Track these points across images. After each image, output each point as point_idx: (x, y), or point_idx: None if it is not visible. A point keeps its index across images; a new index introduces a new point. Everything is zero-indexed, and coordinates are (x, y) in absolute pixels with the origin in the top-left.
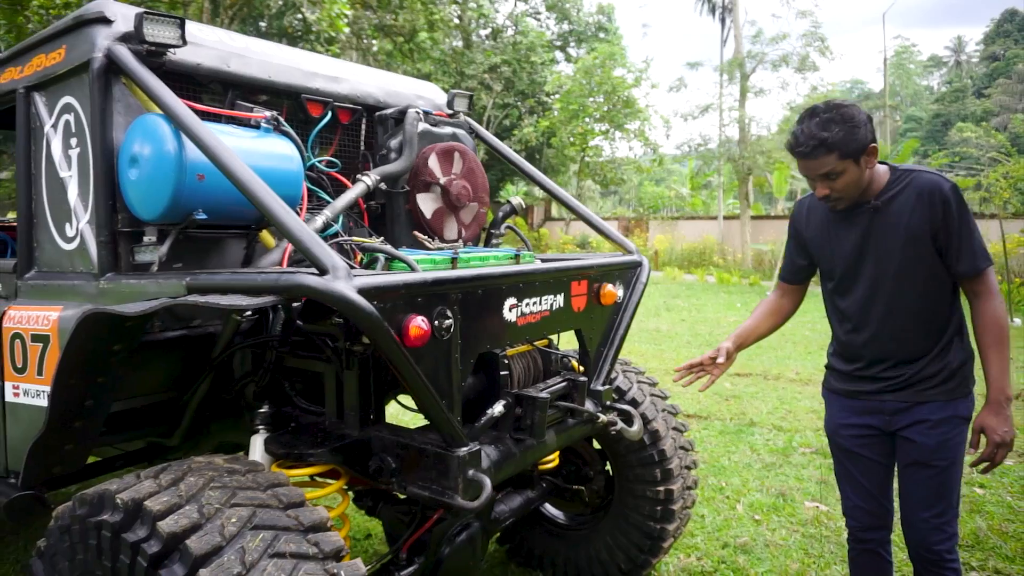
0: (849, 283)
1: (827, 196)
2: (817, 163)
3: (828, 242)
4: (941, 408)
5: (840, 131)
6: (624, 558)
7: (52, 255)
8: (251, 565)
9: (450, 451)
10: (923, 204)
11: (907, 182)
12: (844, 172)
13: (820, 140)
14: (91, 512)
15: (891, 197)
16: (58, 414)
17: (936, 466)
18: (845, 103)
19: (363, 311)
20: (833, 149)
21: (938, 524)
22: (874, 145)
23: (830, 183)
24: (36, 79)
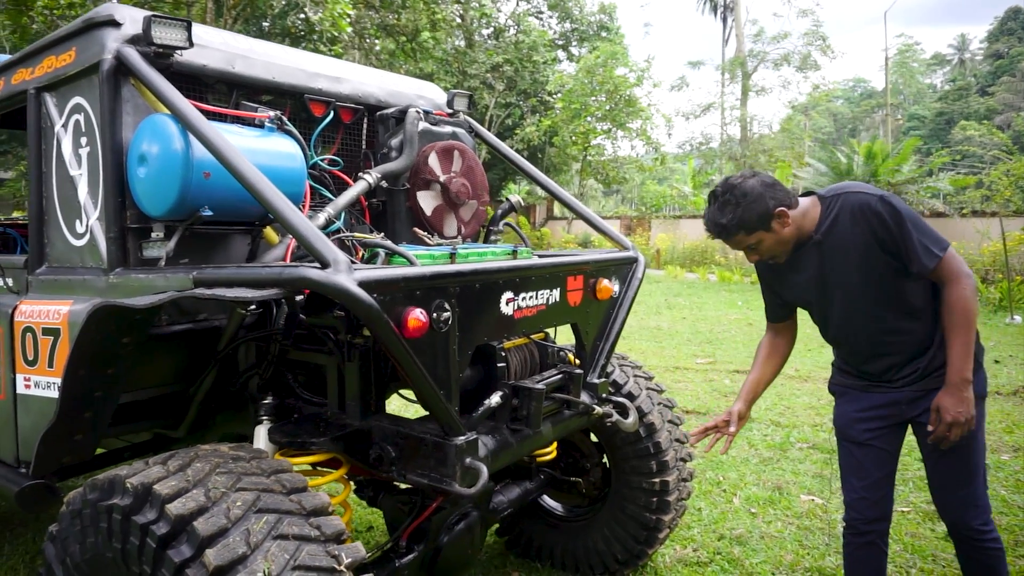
0: (824, 315)
1: (759, 261)
2: (730, 242)
3: (791, 284)
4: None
5: (735, 213)
6: (621, 548)
7: (62, 251)
8: (255, 546)
9: (448, 440)
10: (858, 223)
11: (838, 207)
12: (761, 241)
13: (720, 226)
14: (102, 496)
15: (829, 227)
16: (68, 405)
17: (959, 445)
18: (741, 178)
19: (363, 303)
20: (736, 231)
21: (970, 501)
22: (780, 209)
23: (753, 252)
24: (47, 80)
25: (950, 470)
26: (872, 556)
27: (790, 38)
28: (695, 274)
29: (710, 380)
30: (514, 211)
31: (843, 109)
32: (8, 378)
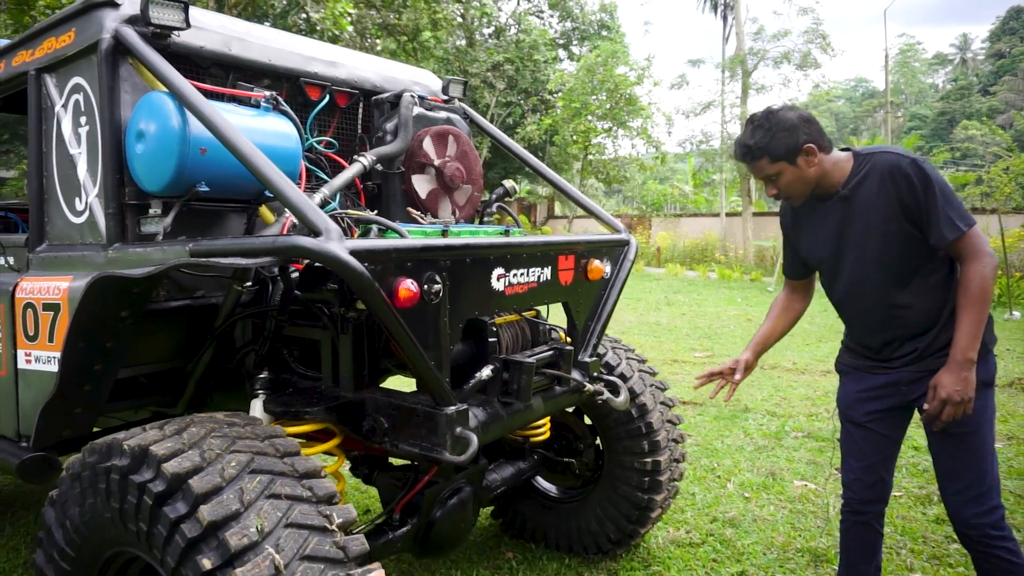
0: (834, 275)
1: (776, 196)
2: (753, 167)
3: (809, 237)
4: None
5: (765, 137)
6: (613, 528)
7: (62, 228)
8: (248, 504)
9: (439, 409)
10: (886, 185)
11: (869, 166)
12: (781, 173)
13: (747, 148)
14: (101, 459)
15: (857, 184)
16: (68, 377)
17: (955, 434)
18: (781, 108)
19: (354, 270)
20: (760, 155)
21: (972, 496)
22: (809, 145)
23: (773, 184)
24: (47, 61)
25: (951, 459)
26: (867, 536)
27: (790, 36)
28: (695, 272)
29: None
30: (508, 196)
31: (844, 109)
32: (9, 354)
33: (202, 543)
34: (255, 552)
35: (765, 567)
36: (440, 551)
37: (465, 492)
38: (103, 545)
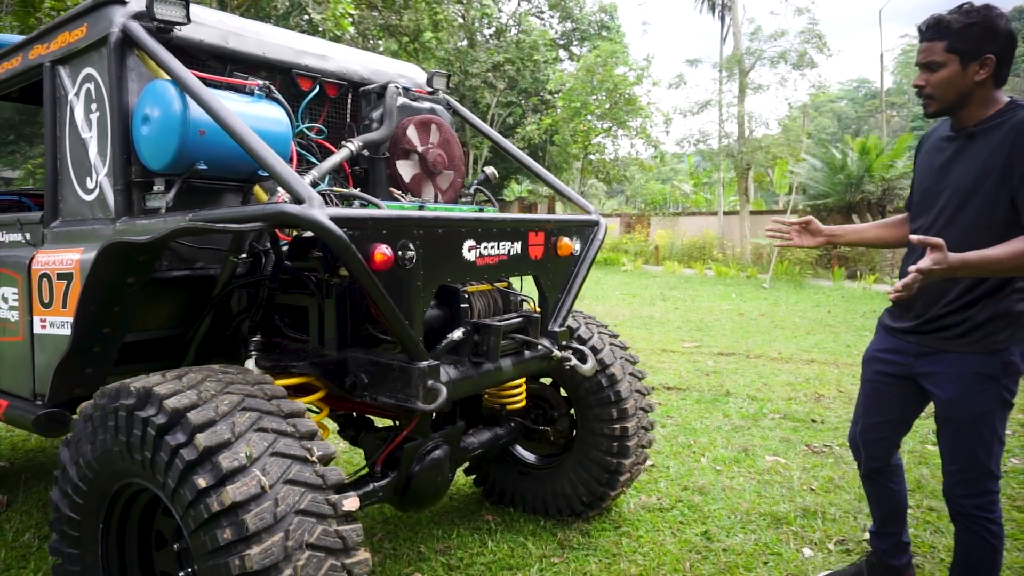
0: (920, 211)
1: (920, 89)
2: (926, 47)
3: (922, 168)
4: (959, 361)
5: (962, 22)
6: (585, 491)
7: (74, 206)
8: (239, 434)
9: (412, 364)
10: (1010, 139)
11: (1011, 116)
12: (944, 66)
13: (937, 21)
14: (110, 400)
15: (987, 128)
16: (80, 338)
17: (955, 421)
18: (1001, 14)
19: (334, 233)
20: (944, 36)
21: (962, 479)
22: (991, 57)
23: (928, 74)
24: (61, 54)
25: (947, 443)
26: (875, 487)
27: (787, 36)
28: (693, 270)
29: (694, 361)
30: (488, 181)
31: (847, 109)
32: (26, 320)
33: (198, 466)
34: (244, 474)
35: (728, 528)
36: (419, 504)
37: (442, 451)
38: (112, 478)
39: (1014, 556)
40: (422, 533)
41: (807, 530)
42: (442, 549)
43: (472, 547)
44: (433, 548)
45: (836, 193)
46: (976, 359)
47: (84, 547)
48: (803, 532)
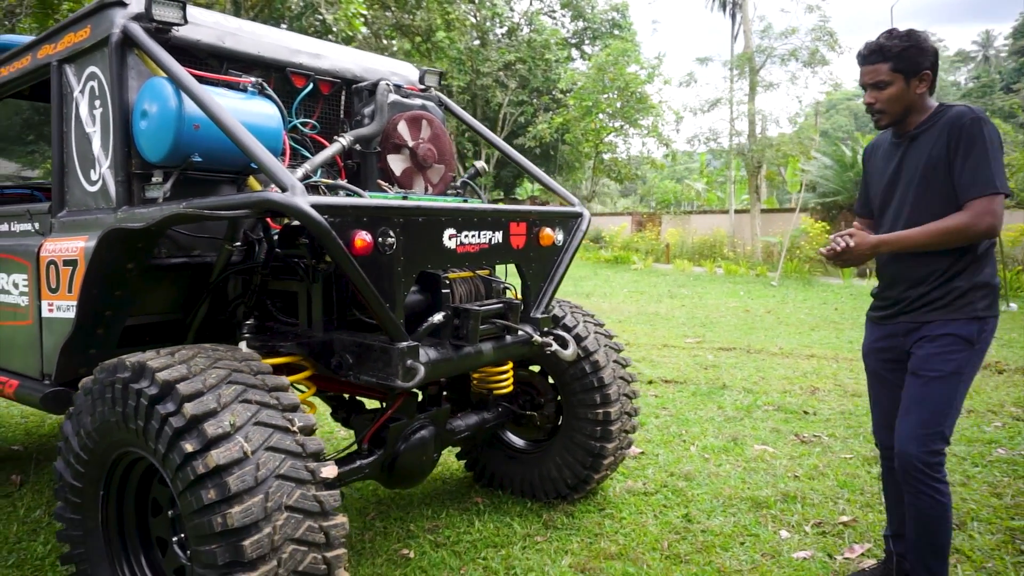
0: (882, 212)
1: (871, 106)
2: (871, 69)
3: (875, 174)
4: (941, 326)
5: (900, 45)
6: (570, 475)
7: (79, 197)
8: (224, 405)
9: (392, 344)
10: (944, 133)
11: (942, 114)
12: (891, 84)
13: (879, 47)
14: (108, 374)
15: (925, 129)
16: (83, 320)
17: (923, 376)
18: (923, 33)
19: (314, 219)
20: (887, 59)
21: (915, 434)
22: (928, 73)
23: (877, 92)
24: (67, 53)
25: (909, 395)
26: (895, 484)
27: (797, 34)
28: (703, 268)
29: (694, 356)
30: (479, 175)
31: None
32: (35, 305)
33: (186, 432)
34: (228, 440)
35: (709, 511)
36: (405, 482)
37: (428, 431)
38: (110, 447)
39: (985, 539)
40: (413, 513)
41: (786, 513)
42: (431, 528)
43: (460, 526)
44: (422, 527)
45: (846, 191)
46: (956, 323)
47: (86, 513)
48: (782, 515)
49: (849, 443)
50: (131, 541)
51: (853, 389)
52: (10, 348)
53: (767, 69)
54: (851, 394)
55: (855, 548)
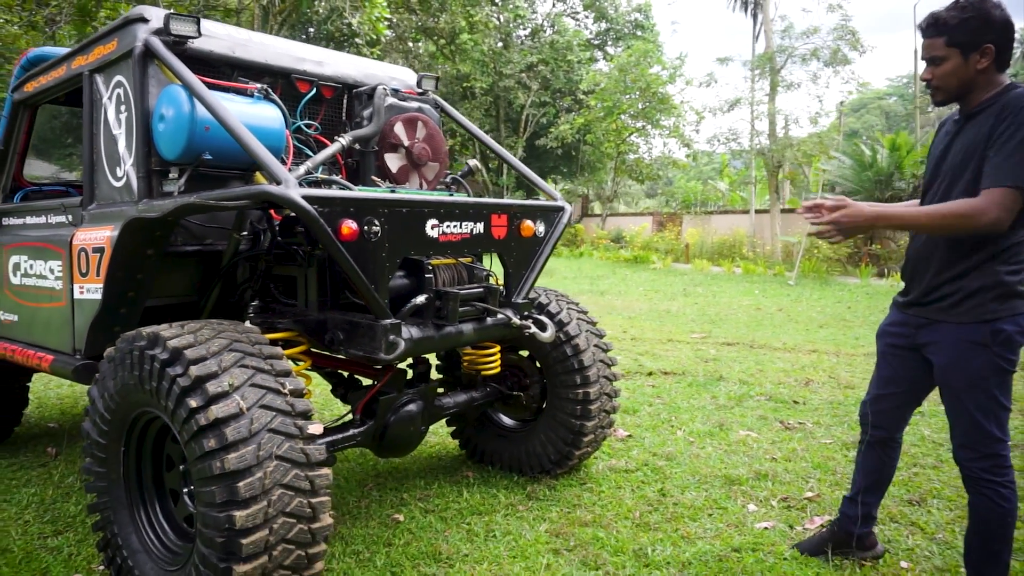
0: (925, 192)
1: (928, 82)
2: (928, 44)
3: (930, 154)
4: (952, 331)
5: (957, 17)
6: (553, 451)
7: (106, 191)
8: (224, 368)
9: (377, 322)
10: (994, 115)
11: (1002, 96)
12: (946, 60)
13: (935, 20)
14: (128, 344)
15: (983, 108)
16: (109, 301)
17: (953, 387)
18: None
19: (304, 208)
20: (942, 32)
21: (965, 443)
22: (990, 47)
23: (933, 68)
24: (97, 64)
25: (949, 408)
26: (871, 454)
27: (819, 33)
28: (721, 268)
29: (697, 350)
30: (471, 173)
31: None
32: (68, 288)
33: (191, 391)
34: (226, 398)
35: (683, 487)
36: (394, 451)
37: (415, 405)
38: (130, 408)
39: (942, 514)
40: (407, 484)
41: (756, 490)
42: (422, 497)
43: (449, 496)
44: (415, 496)
45: (865, 190)
46: (966, 328)
47: (109, 467)
48: (752, 491)
49: (832, 430)
50: (148, 492)
51: (847, 381)
52: (47, 327)
53: (788, 69)
54: (844, 386)
55: (815, 520)
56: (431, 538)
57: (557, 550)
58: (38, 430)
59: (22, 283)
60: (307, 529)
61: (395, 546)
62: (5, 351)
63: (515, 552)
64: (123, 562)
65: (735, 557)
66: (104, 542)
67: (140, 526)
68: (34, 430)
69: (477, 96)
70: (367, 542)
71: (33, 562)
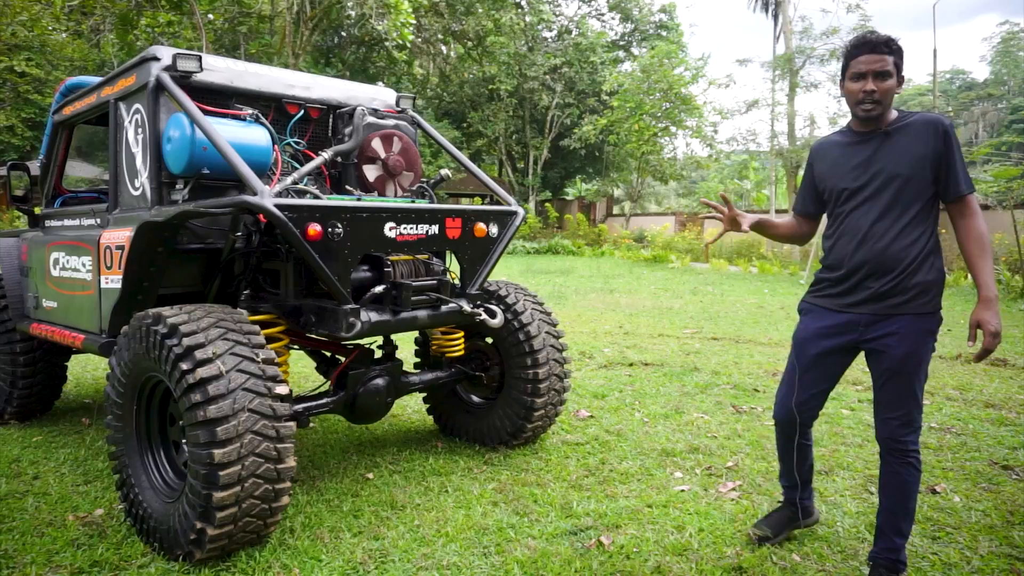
0: (848, 198)
1: (871, 93)
2: (879, 58)
3: (836, 168)
4: (912, 323)
5: (896, 45)
6: (509, 424)
7: (127, 199)
8: (210, 340)
9: (340, 307)
10: (928, 134)
11: (915, 116)
12: (890, 77)
13: (886, 40)
14: (138, 322)
15: (901, 127)
16: (127, 289)
17: (905, 373)
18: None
19: (275, 215)
20: (893, 53)
21: (906, 420)
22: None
23: (879, 82)
24: (120, 94)
25: (894, 393)
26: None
27: (839, 34)
28: (738, 267)
29: (683, 344)
30: (443, 181)
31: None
32: (96, 279)
33: (183, 357)
34: (210, 363)
35: (622, 457)
36: (363, 418)
37: (382, 380)
38: (140, 373)
39: (845, 482)
40: (382, 451)
41: (686, 460)
42: (393, 460)
43: (416, 461)
44: (386, 460)
45: None
46: (925, 319)
47: (124, 422)
48: (682, 462)
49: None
50: (155, 442)
51: None
52: (80, 311)
53: (807, 69)
54: None
55: (727, 484)
56: (392, 491)
57: (496, 503)
58: (75, 404)
59: (60, 275)
60: (273, 468)
61: (361, 496)
62: (47, 332)
63: (461, 504)
64: (134, 496)
65: (646, 511)
66: (121, 481)
67: (148, 468)
68: (72, 404)
69: (503, 98)
70: (338, 493)
71: (66, 501)
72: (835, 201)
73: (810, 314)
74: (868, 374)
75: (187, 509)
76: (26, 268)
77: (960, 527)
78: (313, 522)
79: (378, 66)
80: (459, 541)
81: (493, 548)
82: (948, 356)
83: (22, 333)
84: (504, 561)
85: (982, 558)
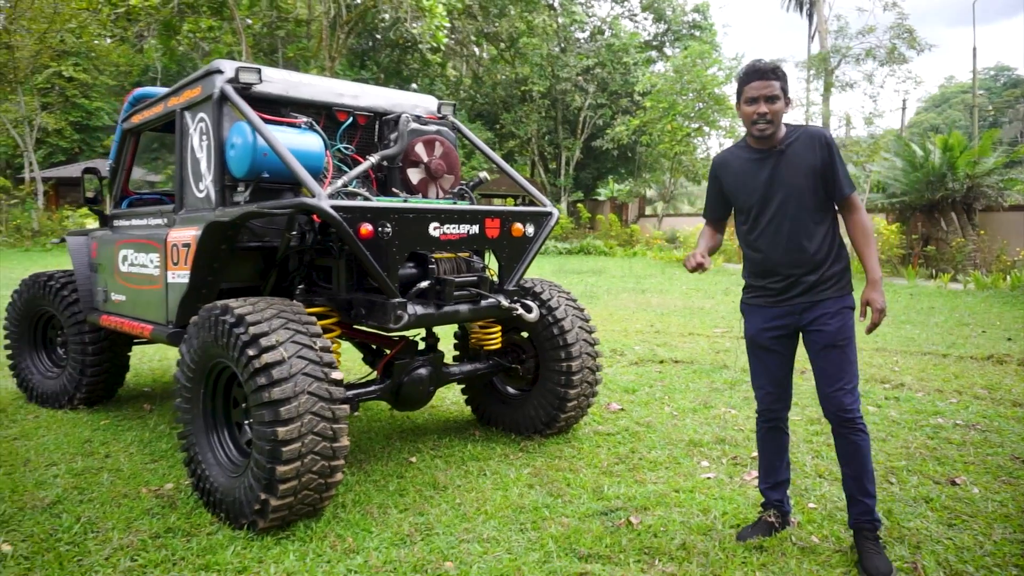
0: (757, 217)
1: (764, 115)
2: (767, 84)
3: (743, 184)
4: (836, 302)
5: (782, 72)
6: (543, 414)
7: (192, 201)
8: (273, 329)
9: (388, 300)
10: (815, 146)
11: (800, 131)
12: (779, 100)
13: (774, 67)
14: (207, 312)
15: (791, 143)
16: (193, 283)
17: (839, 345)
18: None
19: (331, 215)
20: (779, 78)
21: (848, 389)
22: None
23: (771, 105)
24: (186, 104)
25: (834, 365)
26: (776, 437)
27: (875, 32)
28: None
29: (713, 343)
30: (481, 183)
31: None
32: (163, 274)
33: (251, 343)
34: (274, 350)
35: (652, 447)
36: (408, 406)
37: (425, 370)
38: (208, 359)
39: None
40: (424, 438)
41: (712, 451)
42: (434, 446)
43: (456, 447)
44: (428, 445)
45: (914, 191)
46: (844, 299)
47: (193, 404)
48: (709, 452)
49: (807, 411)
50: (220, 423)
51: None
52: (147, 304)
53: (842, 69)
54: None
55: (752, 473)
56: (434, 474)
57: (532, 485)
58: (136, 392)
59: (129, 271)
60: (329, 446)
61: (405, 478)
62: (117, 323)
63: (498, 486)
64: (202, 472)
65: (673, 495)
66: (189, 458)
67: (214, 447)
68: (132, 393)
69: (535, 99)
70: (384, 474)
71: (138, 477)
72: (747, 213)
73: (753, 313)
74: (896, 372)
75: (252, 482)
76: (96, 264)
77: (976, 515)
78: (362, 499)
79: (412, 68)
80: (497, 518)
81: (529, 525)
82: (980, 356)
83: (91, 325)
84: (540, 536)
85: (995, 543)
